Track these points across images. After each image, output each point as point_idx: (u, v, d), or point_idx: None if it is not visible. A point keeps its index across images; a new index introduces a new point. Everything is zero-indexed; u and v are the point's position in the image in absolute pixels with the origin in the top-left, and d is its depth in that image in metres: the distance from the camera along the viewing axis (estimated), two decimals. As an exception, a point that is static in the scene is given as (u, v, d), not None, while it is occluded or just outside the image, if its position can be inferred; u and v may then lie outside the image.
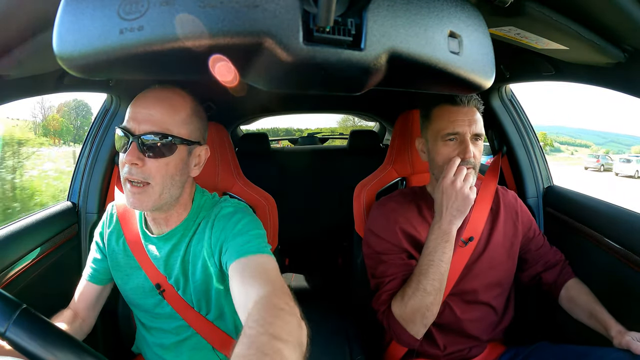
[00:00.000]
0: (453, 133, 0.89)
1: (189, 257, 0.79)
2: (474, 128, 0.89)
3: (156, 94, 0.71)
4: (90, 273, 0.85)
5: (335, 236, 2.31)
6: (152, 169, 0.68)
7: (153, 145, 0.67)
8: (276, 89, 0.39)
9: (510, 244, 0.99)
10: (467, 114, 0.89)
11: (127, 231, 0.81)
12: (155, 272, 0.79)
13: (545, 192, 1.23)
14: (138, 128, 0.67)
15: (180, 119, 0.71)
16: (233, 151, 1.16)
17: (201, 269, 0.78)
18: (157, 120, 0.68)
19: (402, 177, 1.21)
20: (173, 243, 0.78)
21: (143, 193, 0.68)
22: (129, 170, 0.68)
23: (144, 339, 0.91)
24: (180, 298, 0.80)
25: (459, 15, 0.40)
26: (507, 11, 0.54)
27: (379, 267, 0.94)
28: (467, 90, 0.45)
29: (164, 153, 0.68)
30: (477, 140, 0.90)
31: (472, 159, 0.88)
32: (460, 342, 0.96)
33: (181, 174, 0.72)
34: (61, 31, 0.33)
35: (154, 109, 0.68)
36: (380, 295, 0.91)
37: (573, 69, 0.82)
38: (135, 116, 0.68)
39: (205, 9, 0.31)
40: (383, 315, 0.91)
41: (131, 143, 0.67)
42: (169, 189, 0.71)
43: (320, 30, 0.34)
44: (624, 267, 0.92)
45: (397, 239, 0.94)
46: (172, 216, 0.78)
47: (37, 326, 0.47)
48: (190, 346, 0.85)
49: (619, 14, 0.53)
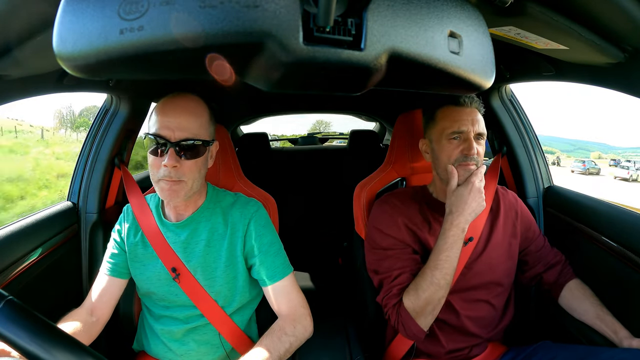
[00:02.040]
0: (458, 132, 0.91)
1: (213, 242, 0.88)
2: (477, 127, 0.91)
3: (181, 103, 0.80)
4: (109, 267, 0.91)
5: (335, 236, 2.31)
6: (186, 169, 0.79)
7: (188, 149, 0.78)
8: (276, 89, 0.39)
9: (510, 244, 0.99)
10: (470, 114, 0.92)
11: (143, 224, 0.91)
12: (172, 257, 0.88)
13: (545, 192, 1.23)
14: (173, 135, 0.77)
15: (201, 123, 0.81)
16: (233, 151, 1.16)
17: (226, 254, 0.88)
18: (188, 127, 0.78)
19: (402, 177, 1.21)
20: (193, 228, 0.89)
21: (178, 187, 0.79)
22: (167, 172, 0.77)
23: (150, 329, 0.94)
24: (196, 284, 0.87)
25: (459, 15, 0.40)
26: (507, 11, 0.53)
27: (385, 262, 0.95)
28: (467, 90, 0.45)
29: (196, 155, 0.80)
30: (480, 139, 0.92)
31: (476, 155, 0.90)
32: (461, 340, 0.96)
33: (204, 168, 0.85)
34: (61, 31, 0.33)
35: (183, 117, 0.78)
36: (391, 289, 0.92)
37: (573, 69, 0.82)
38: (168, 125, 0.77)
39: (205, 9, 0.31)
40: (393, 308, 0.91)
41: (169, 149, 0.76)
42: (198, 182, 0.83)
43: (320, 30, 0.33)
44: (624, 267, 0.91)
45: (401, 234, 0.95)
46: (191, 203, 0.89)
47: (23, 317, 0.47)
48: (198, 336, 0.90)
49: (619, 14, 0.53)
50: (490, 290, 0.97)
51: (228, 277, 0.88)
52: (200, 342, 0.90)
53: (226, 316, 0.89)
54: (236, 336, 0.90)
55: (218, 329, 0.89)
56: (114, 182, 1.22)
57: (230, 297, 0.90)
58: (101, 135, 1.17)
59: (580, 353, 0.81)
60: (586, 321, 0.92)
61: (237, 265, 0.89)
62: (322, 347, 1.08)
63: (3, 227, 0.90)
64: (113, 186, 1.22)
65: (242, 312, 0.93)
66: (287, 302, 0.86)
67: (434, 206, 0.99)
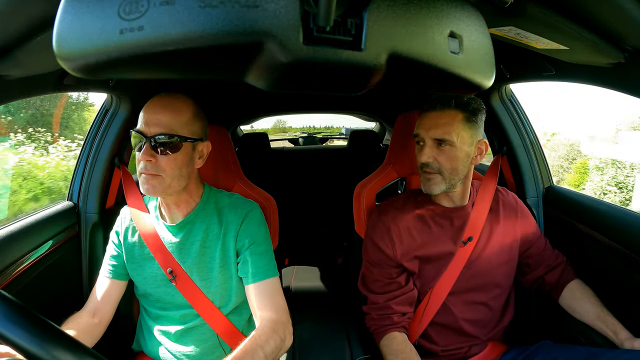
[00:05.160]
0: (415, 135, 0.94)
1: (208, 243, 0.89)
2: (433, 132, 0.90)
3: (162, 101, 0.82)
4: (109, 270, 0.93)
5: (335, 236, 2.31)
6: (163, 163, 0.79)
7: (162, 144, 0.79)
8: (276, 89, 0.39)
9: (510, 244, 0.99)
10: (432, 118, 0.90)
11: (140, 225, 0.92)
12: (167, 258, 0.88)
13: (545, 192, 1.23)
14: (149, 130, 0.79)
15: (183, 120, 0.81)
16: (233, 151, 1.16)
17: (220, 255, 0.88)
18: (165, 123, 0.79)
19: (402, 177, 1.21)
20: (188, 229, 0.89)
21: (155, 182, 0.80)
22: (144, 165, 0.79)
23: (148, 330, 0.94)
24: (192, 284, 0.88)
25: (459, 16, 0.40)
26: (507, 11, 0.53)
27: (369, 276, 1.01)
28: (467, 90, 0.45)
29: (172, 150, 0.80)
30: (442, 146, 0.90)
31: (432, 163, 0.90)
32: (458, 341, 0.96)
33: (187, 166, 0.84)
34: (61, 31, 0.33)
35: (161, 114, 0.80)
36: (371, 309, 1.00)
37: (573, 69, 0.82)
38: (147, 120, 0.80)
39: (205, 9, 0.31)
40: (370, 322, 1.00)
41: (145, 143, 0.79)
42: (177, 179, 0.82)
43: (320, 31, 0.33)
44: (624, 267, 0.91)
45: (393, 251, 0.97)
46: (181, 202, 0.89)
47: (10, 309, 0.46)
48: (196, 336, 0.90)
49: (619, 14, 0.53)
50: (489, 291, 0.97)
51: (224, 278, 0.89)
52: (197, 342, 0.90)
53: (223, 316, 0.89)
54: (233, 336, 0.90)
55: (215, 329, 0.89)
56: (114, 182, 1.22)
57: (227, 297, 0.90)
58: (101, 135, 1.17)
59: (582, 354, 0.80)
60: (587, 322, 0.92)
61: (232, 266, 0.89)
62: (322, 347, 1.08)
63: (3, 227, 0.90)
64: (113, 186, 1.22)
65: (239, 312, 0.93)
66: (267, 306, 0.83)
67: (433, 209, 0.99)
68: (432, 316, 0.96)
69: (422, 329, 0.97)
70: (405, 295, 0.96)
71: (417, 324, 0.97)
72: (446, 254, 0.96)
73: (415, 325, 0.97)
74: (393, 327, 0.94)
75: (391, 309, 0.95)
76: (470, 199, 1.00)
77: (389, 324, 0.95)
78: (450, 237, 0.97)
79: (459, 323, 0.95)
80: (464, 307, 0.95)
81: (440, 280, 0.95)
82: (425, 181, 0.93)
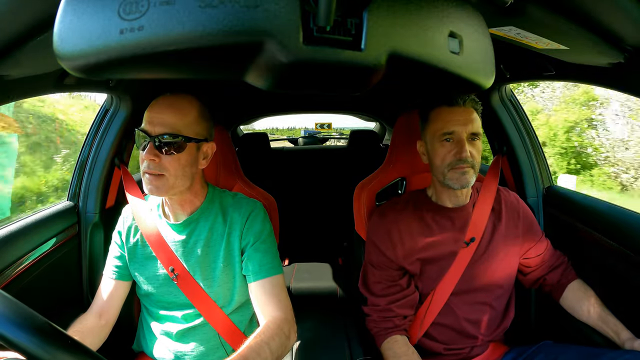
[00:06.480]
0: (449, 132, 0.90)
1: (212, 242, 0.89)
2: (470, 127, 0.90)
3: (168, 101, 0.82)
4: (113, 271, 0.93)
5: (335, 236, 2.31)
6: (166, 163, 0.79)
7: (167, 144, 0.79)
8: (276, 89, 0.39)
9: (512, 245, 0.99)
10: (463, 114, 0.90)
11: (142, 224, 0.91)
12: (170, 257, 0.88)
13: (546, 192, 1.23)
14: (154, 130, 0.79)
15: (188, 121, 0.81)
16: (234, 151, 1.16)
17: (224, 254, 0.88)
18: (169, 122, 0.79)
19: (402, 177, 1.21)
20: (192, 227, 0.89)
21: (159, 182, 0.80)
22: (147, 164, 0.79)
23: (149, 330, 0.94)
24: (194, 284, 0.88)
25: (459, 15, 0.40)
26: (507, 11, 0.53)
27: (370, 278, 1.00)
28: (467, 90, 0.45)
29: (176, 150, 0.80)
30: (475, 140, 0.91)
31: (469, 157, 0.89)
32: (460, 342, 0.96)
33: (191, 166, 0.83)
34: (61, 31, 0.33)
35: (166, 113, 0.80)
36: (371, 311, 0.99)
37: (573, 69, 0.82)
38: (151, 120, 0.80)
39: (205, 9, 0.31)
40: (370, 324, 1.00)
41: (149, 143, 0.79)
42: (181, 179, 0.82)
43: (320, 31, 0.33)
44: (624, 267, 0.91)
45: (394, 253, 0.96)
46: (185, 202, 0.89)
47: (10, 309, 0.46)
48: (197, 336, 0.90)
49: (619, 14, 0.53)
50: (491, 292, 0.96)
51: (227, 277, 0.88)
52: (199, 342, 0.90)
53: (225, 316, 0.89)
54: (235, 337, 0.90)
55: (217, 329, 0.89)
56: (114, 182, 1.22)
57: (229, 296, 0.90)
58: (101, 135, 1.17)
59: (583, 354, 0.80)
60: (588, 322, 0.92)
61: (235, 265, 0.89)
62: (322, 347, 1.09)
63: (3, 227, 0.90)
64: (113, 186, 1.22)
65: (241, 312, 0.93)
66: (272, 303, 0.83)
67: (434, 210, 0.99)
68: (434, 317, 0.96)
69: (424, 330, 0.96)
70: (406, 298, 0.96)
71: (419, 325, 0.97)
72: (448, 255, 0.95)
73: (416, 326, 0.97)
74: (394, 330, 0.94)
75: (392, 312, 0.95)
76: (471, 199, 1.00)
77: (391, 327, 0.94)
78: (452, 237, 0.96)
79: (461, 324, 0.95)
80: (466, 308, 0.95)
81: (442, 281, 0.95)
82: (460, 176, 0.90)
